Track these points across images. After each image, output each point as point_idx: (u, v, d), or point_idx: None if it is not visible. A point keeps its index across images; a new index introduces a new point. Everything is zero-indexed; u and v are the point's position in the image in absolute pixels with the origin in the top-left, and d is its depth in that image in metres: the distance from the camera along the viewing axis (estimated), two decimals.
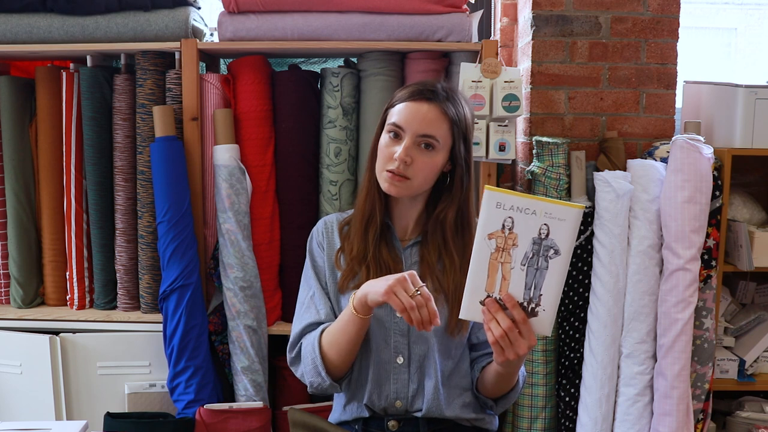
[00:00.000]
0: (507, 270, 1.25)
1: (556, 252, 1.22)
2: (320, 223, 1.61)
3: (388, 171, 1.43)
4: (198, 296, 1.95)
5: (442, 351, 1.49)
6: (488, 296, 1.26)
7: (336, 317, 1.49)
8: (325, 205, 2.04)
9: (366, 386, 1.48)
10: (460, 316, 1.30)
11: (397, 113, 1.45)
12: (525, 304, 1.25)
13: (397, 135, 1.44)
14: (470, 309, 1.28)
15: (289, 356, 1.56)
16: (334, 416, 1.57)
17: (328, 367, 1.45)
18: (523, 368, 1.52)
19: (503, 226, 1.24)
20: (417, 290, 1.29)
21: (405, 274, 1.31)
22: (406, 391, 1.47)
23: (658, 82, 2.14)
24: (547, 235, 1.22)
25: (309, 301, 1.55)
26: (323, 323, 1.51)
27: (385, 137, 1.47)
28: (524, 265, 1.24)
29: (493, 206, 1.23)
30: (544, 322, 1.26)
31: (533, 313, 1.26)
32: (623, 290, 1.95)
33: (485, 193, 1.25)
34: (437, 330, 1.46)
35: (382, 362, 1.47)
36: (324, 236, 1.58)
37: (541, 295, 1.24)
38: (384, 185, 1.45)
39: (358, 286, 1.41)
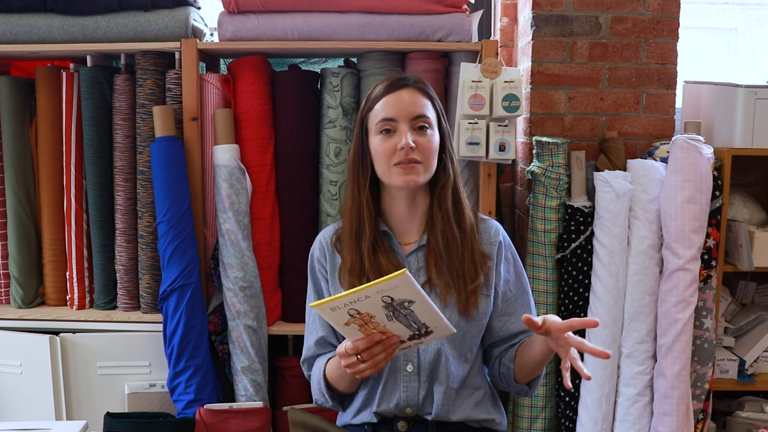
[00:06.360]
0: (381, 328, 1.27)
1: (410, 302, 1.22)
2: (318, 240, 1.57)
3: (396, 165, 1.41)
4: (198, 296, 1.95)
5: (457, 356, 1.47)
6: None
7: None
8: (325, 205, 2.04)
9: (376, 395, 1.47)
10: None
11: (382, 109, 1.44)
12: (416, 334, 1.29)
13: (389, 130, 1.43)
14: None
15: (303, 368, 1.61)
16: (343, 420, 1.56)
17: (333, 394, 1.51)
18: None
19: (351, 315, 1.24)
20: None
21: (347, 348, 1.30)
22: (417, 398, 1.45)
23: (658, 82, 2.13)
24: (392, 300, 1.21)
25: (312, 322, 1.57)
26: (329, 342, 1.55)
27: (376, 139, 1.44)
28: (391, 320, 1.26)
29: (330, 312, 1.23)
30: (441, 330, 1.30)
31: (428, 333, 1.30)
32: (623, 290, 1.95)
33: (315, 309, 1.25)
34: (450, 337, 1.44)
35: (392, 371, 1.46)
36: (324, 252, 1.54)
37: (424, 323, 1.27)
38: (398, 181, 1.41)
39: None
